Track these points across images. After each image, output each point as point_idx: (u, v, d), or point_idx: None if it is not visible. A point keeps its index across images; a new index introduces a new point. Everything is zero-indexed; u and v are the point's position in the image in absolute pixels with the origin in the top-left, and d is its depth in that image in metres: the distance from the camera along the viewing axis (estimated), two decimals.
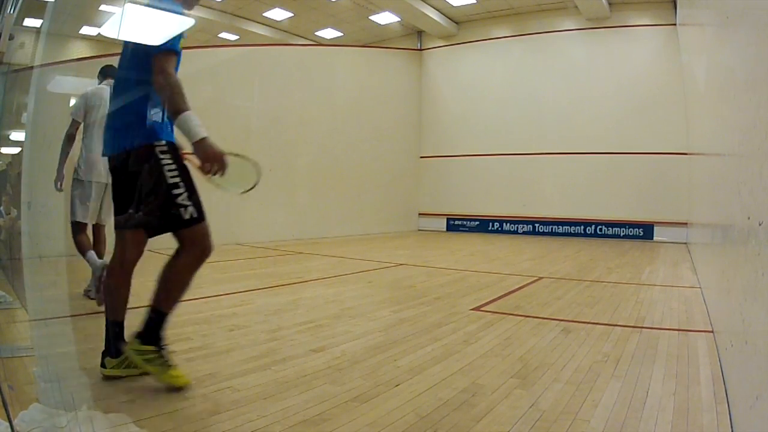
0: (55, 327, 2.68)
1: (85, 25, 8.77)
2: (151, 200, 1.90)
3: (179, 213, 1.91)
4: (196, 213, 1.94)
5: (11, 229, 3.86)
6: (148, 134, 1.89)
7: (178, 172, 1.92)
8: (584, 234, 9.80)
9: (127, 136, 1.89)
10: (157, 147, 1.89)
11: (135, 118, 1.89)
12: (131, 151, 1.89)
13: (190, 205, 1.93)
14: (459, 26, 11.35)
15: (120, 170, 1.94)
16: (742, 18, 1.57)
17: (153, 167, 1.87)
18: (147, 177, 1.88)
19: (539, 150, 10.24)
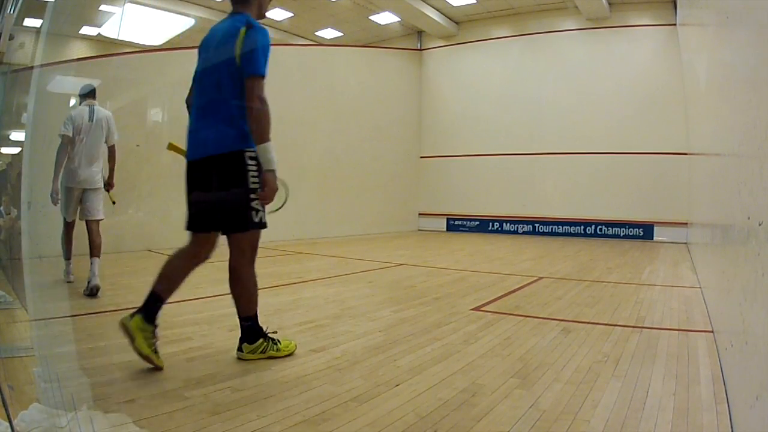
0: (55, 327, 2.68)
1: (85, 25, 8.77)
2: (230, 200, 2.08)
3: (250, 216, 2.11)
4: (263, 218, 2.17)
5: (11, 229, 3.87)
6: (241, 141, 2.09)
7: (258, 179, 2.11)
8: (584, 234, 9.79)
9: (220, 141, 2.08)
10: (247, 153, 2.10)
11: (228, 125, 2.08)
12: (222, 155, 2.08)
13: (261, 210, 2.15)
14: (459, 26, 11.35)
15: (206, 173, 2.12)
16: (742, 18, 1.57)
17: (239, 171, 2.07)
18: (232, 179, 2.07)
19: (539, 150, 10.24)
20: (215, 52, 2.16)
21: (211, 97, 2.14)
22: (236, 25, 2.13)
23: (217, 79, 2.13)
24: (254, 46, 2.10)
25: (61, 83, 4.09)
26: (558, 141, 10.00)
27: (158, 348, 2.11)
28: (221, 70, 2.12)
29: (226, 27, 2.19)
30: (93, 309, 3.21)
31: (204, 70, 2.19)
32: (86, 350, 2.32)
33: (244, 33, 2.09)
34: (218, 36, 2.20)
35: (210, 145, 2.11)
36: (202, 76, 2.20)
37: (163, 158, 7.09)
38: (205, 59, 2.20)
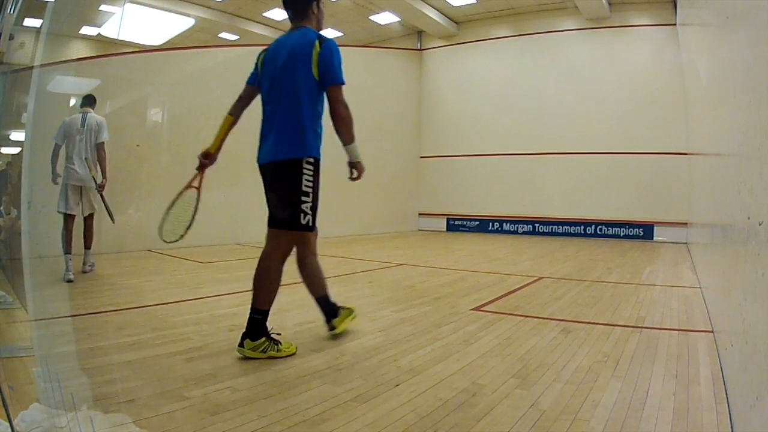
0: (55, 327, 2.68)
1: (85, 25, 8.77)
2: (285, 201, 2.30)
3: (299, 217, 2.29)
4: (311, 221, 2.33)
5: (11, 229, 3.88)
6: (302, 149, 2.28)
7: (312, 185, 2.31)
8: (584, 234, 9.79)
9: (286, 148, 2.28)
10: (305, 160, 2.29)
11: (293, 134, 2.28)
12: (285, 162, 2.27)
13: (309, 214, 2.31)
14: (459, 26, 11.34)
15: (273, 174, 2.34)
16: (742, 18, 1.57)
17: (296, 176, 2.27)
18: (288, 183, 2.28)
19: (539, 150, 10.23)
20: (289, 64, 2.29)
21: (283, 106, 2.30)
22: (308, 39, 2.29)
23: (292, 89, 2.28)
24: (332, 58, 2.30)
25: (61, 83, 4.10)
26: (558, 141, 10.00)
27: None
28: (297, 81, 2.27)
29: (295, 41, 2.32)
30: (93, 309, 3.21)
31: (276, 80, 2.32)
32: (86, 350, 2.32)
33: (319, 47, 2.27)
34: (288, 49, 2.32)
35: (275, 151, 2.29)
36: (274, 86, 2.33)
37: (162, 158, 7.09)
38: (276, 70, 2.33)
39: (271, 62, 2.37)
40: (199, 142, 8.32)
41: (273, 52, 2.39)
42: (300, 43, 2.29)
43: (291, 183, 2.27)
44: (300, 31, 2.36)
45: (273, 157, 2.30)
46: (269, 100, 2.36)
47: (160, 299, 3.53)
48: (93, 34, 9.63)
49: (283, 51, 2.33)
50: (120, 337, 2.57)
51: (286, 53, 2.32)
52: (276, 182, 2.33)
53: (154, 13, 10.15)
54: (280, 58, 2.33)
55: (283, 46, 2.36)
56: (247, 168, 8.97)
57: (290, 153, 2.27)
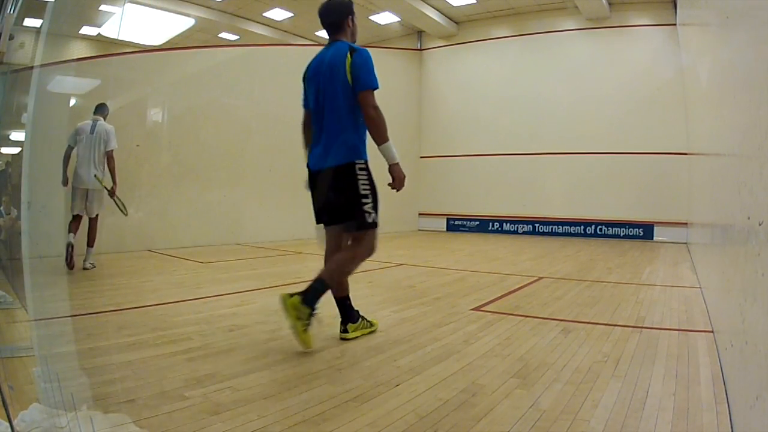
0: (55, 327, 2.68)
1: (85, 25, 8.77)
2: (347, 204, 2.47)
3: (364, 217, 2.47)
4: (375, 219, 2.51)
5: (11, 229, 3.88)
6: (352, 154, 2.46)
7: (369, 186, 2.50)
8: (584, 234, 9.79)
9: (336, 155, 2.45)
10: (357, 164, 2.46)
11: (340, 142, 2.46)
12: (338, 167, 2.44)
13: (373, 213, 2.50)
14: (459, 26, 11.34)
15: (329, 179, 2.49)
16: (742, 18, 1.57)
17: (351, 180, 2.44)
18: (346, 187, 2.45)
19: (539, 150, 10.23)
20: (329, 77, 2.49)
21: (328, 116, 2.49)
22: (342, 51, 2.47)
23: (334, 99, 2.47)
24: (361, 65, 2.44)
25: (61, 83, 4.10)
26: (558, 141, 10.00)
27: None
28: (336, 92, 2.46)
29: (331, 54, 2.52)
30: (93, 309, 3.22)
31: (321, 94, 2.52)
32: (86, 350, 2.32)
33: (350, 56, 2.44)
34: (327, 63, 2.51)
35: (328, 159, 2.47)
36: (319, 100, 2.52)
37: (162, 158, 7.09)
38: (318, 84, 2.52)
39: (314, 78, 2.56)
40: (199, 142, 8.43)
41: (314, 69, 2.59)
42: (335, 56, 2.48)
43: (349, 187, 2.45)
44: (335, 46, 2.55)
45: (325, 164, 2.49)
46: (319, 113, 2.54)
47: (160, 299, 3.53)
48: (93, 34, 9.63)
49: (323, 66, 2.53)
50: (120, 337, 2.57)
51: (326, 67, 2.51)
52: (335, 188, 2.49)
53: (154, 13, 10.15)
54: (321, 73, 2.52)
55: (321, 61, 2.56)
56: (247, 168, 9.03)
57: (341, 159, 2.45)
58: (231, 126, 7.82)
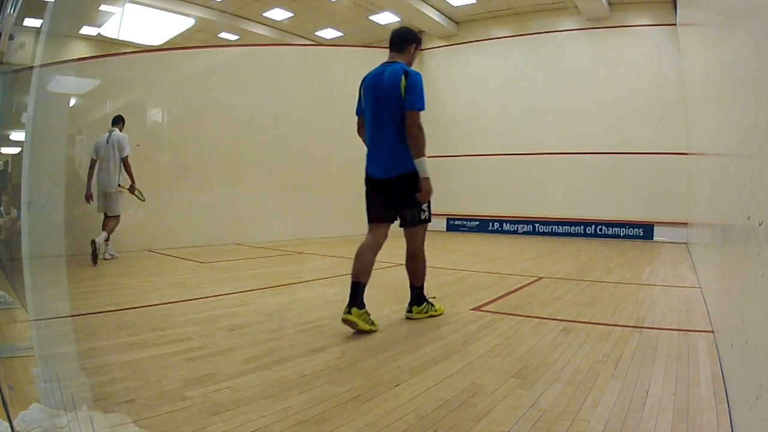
0: (55, 327, 2.68)
1: (85, 25, 8.76)
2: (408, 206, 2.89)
3: (420, 215, 2.93)
4: (429, 216, 2.98)
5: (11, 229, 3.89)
6: (410, 164, 2.83)
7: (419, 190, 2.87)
8: (584, 234, 9.79)
9: (399, 165, 2.84)
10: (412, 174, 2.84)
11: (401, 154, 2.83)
12: (402, 175, 2.84)
13: (427, 211, 2.95)
14: (459, 26, 11.34)
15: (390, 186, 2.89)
16: (742, 18, 1.57)
17: (411, 187, 2.84)
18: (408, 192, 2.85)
19: (539, 150, 10.23)
20: (387, 94, 2.84)
21: (387, 130, 2.86)
22: (398, 73, 2.84)
23: (392, 116, 2.83)
24: (413, 87, 2.80)
25: (61, 83, 4.10)
26: (558, 141, 9.99)
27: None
28: (394, 109, 2.82)
29: (389, 74, 2.87)
30: (93, 309, 3.22)
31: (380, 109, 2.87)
32: (86, 350, 2.32)
33: (405, 79, 2.81)
34: (385, 81, 2.86)
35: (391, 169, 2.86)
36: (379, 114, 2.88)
37: (162, 158, 7.09)
38: (377, 98, 2.88)
39: (371, 92, 2.91)
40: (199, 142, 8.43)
41: (371, 84, 2.94)
42: (392, 76, 2.84)
43: (410, 192, 2.84)
44: (392, 66, 2.91)
45: (390, 174, 2.87)
46: (376, 125, 2.90)
47: (160, 299, 3.53)
48: (93, 34, 9.62)
49: (381, 82, 2.87)
50: (120, 337, 2.57)
51: (384, 85, 2.86)
52: (397, 193, 2.88)
53: (154, 13, 10.14)
54: (380, 89, 2.88)
55: (379, 78, 2.90)
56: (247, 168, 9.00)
57: (404, 169, 2.84)
58: (231, 126, 7.81)
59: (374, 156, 2.94)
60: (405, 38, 3.06)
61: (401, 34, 3.06)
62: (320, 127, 9.30)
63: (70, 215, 4.70)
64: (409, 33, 3.10)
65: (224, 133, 7.72)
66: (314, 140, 9.20)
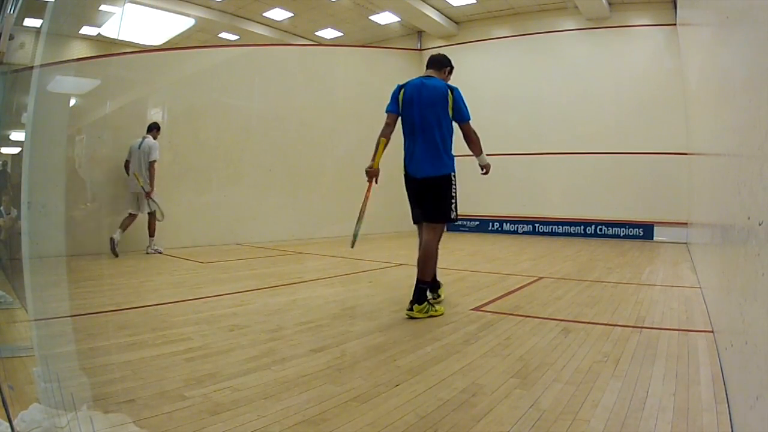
0: (55, 327, 2.68)
1: (85, 25, 8.76)
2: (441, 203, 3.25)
3: (449, 213, 3.28)
4: (456, 215, 3.31)
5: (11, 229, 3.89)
6: (450, 167, 3.30)
7: (455, 191, 3.34)
8: (584, 234, 9.78)
9: (441, 167, 3.25)
10: (452, 175, 3.31)
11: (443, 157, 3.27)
12: (442, 176, 3.25)
13: (455, 211, 3.30)
14: (459, 26, 11.34)
15: (429, 184, 3.25)
16: (742, 18, 1.57)
17: (448, 188, 3.26)
18: (444, 192, 3.26)
19: (539, 150, 10.22)
20: (432, 104, 3.22)
21: (431, 136, 3.23)
22: (441, 87, 3.25)
23: (437, 124, 3.22)
24: (461, 102, 3.27)
25: (61, 83, 4.10)
26: (558, 141, 9.99)
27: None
28: (440, 119, 3.23)
29: (433, 87, 3.25)
30: (93, 309, 3.22)
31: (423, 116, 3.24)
32: (86, 350, 2.32)
33: (451, 93, 3.25)
34: (429, 93, 3.24)
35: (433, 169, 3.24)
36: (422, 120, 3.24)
37: (162, 158, 7.09)
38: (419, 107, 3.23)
39: (413, 100, 3.25)
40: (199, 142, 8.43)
41: (413, 92, 3.27)
42: (436, 89, 3.24)
43: (446, 191, 3.25)
44: (433, 80, 3.31)
45: (432, 173, 3.23)
46: (419, 130, 3.25)
47: (160, 299, 3.53)
48: (93, 34, 9.62)
49: (424, 93, 3.24)
50: (120, 337, 2.57)
51: (427, 96, 3.23)
52: (434, 191, 3.24)
53: (154, 13, 10.14)
54: (422, 98, 3.24)
55: (422, 88, 3.26)
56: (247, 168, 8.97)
57: (444, 170, 3.25)
58: (231, 126, 7.81)
59: (419, 158, 3.27)
60: (443, 62, 3.46)
61: (441, 58, 3.48)
62: (320, 127, 9.30)
63: (70, 215, 4.70)
64: (447, 59, 3.51)
65: (224, 133, 7.72)
66: (314, 140, 9.20)
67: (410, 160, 3.30)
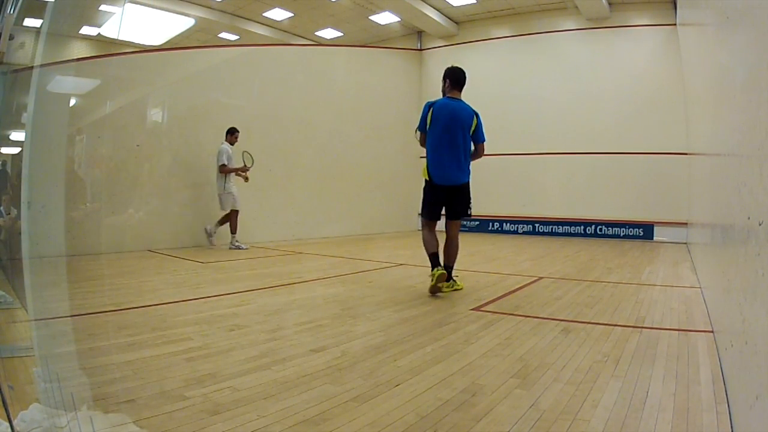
0: (55, 327, 2.68)
1: (85, 25, 8.76)
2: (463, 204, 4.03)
3: (467, 211, 4.06)
4: (471, 212, 4.07)
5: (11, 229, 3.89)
6: (469, 175, 4.01)
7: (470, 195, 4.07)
8: (584, 234, 9.79)
9: (464, 176, 3.98)
10: (468, 183, 4.03)
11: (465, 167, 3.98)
12: (465, 183, 4.00)
13: (470, 209, 4.07)
14: (459, 26, 11.34)
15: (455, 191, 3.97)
16: (742, 18, 1.57)
17: (467, 192, 4.04)
18: (466, 196, 4.03)
19: (539, 150, 10.23)
20: (460, 124, 3.87)
21: (457, 150, 3.89)
22: (469, 111, 3.91)
23: (462, 141, 3.89)
24: (481, 126, 3.96)
25: (61, 83, 4.10)
26: (558, 141, 9.99)
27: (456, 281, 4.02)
28: (465, 137, 3.91)
29: (461, 109, 3.89)
30: (93, 309, 3.22)
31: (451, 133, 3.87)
32: (86, 350, 2.32)
33: (476, 120, 3.92)
34: (457, 114, 3.87)
35: (458, 178, 3.96)
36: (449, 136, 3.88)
37: (162, 158, 7.09)
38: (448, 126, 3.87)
39: (441, 118, 3.87)
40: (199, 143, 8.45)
41: (442, 112, 3.88)
42: (464, 112, 3.89)
43: (467, 195, 4.03)
44: (460, 103, 3.92)
45: (457, 181, 3.95)
46: (449, 146, 3.89)
47: (160, 299, 3.53)
48: (93, 34, 9.61)
49: (453, 113, 3.87)
50: (120, 337, 2.57)
51: (457, 116, 3.86)
52: (459, 195, 3.98)
53: (154, 13, 10.14)
54: (451, 118, 3.86)
55: (450, 108, 3.88)
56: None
57: (466, 179, 3.99)
58: (231, 126, 7.81)
59: (446, 168, 3.92)
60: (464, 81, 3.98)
61: (463, 78, 3.97)
62: (320, 127, 9.30)
63: (70, 215, 4.69)
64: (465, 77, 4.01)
65: (224, 133, 7.72)
66: (314, 140, 9.20)
67: (437, 170, 3.94)
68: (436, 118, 3.88)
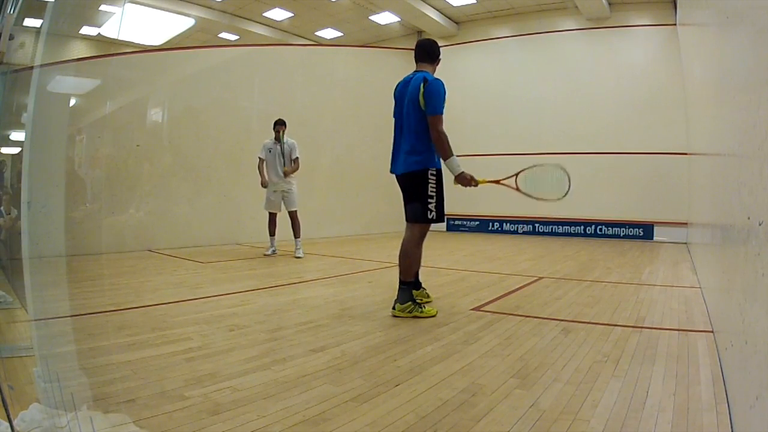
0: (55, 327, 2.68)
1: (85, 25, 8.76)
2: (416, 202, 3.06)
3: (426, 213, 3.06)
4: (435, 216, 3.08)
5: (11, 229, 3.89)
6: (422, 163, 3.05)
7: (436, 189, 3.07)
8: (584, 234, 9.79)
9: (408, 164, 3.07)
10: (429, 171, 3.07)
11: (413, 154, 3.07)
12: (409, 173, 3.08)
13: (434, 211, 3.07)
14: (459, 26, 11.34)
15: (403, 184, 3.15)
16: (742, 18, 1.57)
17: (421, 185, 3.05)
18: (418, 190, 3.06)
19: (539, 150, 10.20)
20: (409, 98, 3.08)
21: (406, 131, 3.13)
22: (419, 80, 3.06)
23: (410, 118, 3.07)
24: (431, 93, 2.98)
25: (61, 83, 4.10)
26: (558, 141, 9.98)
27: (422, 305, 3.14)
28: (412, 112, 3.06)
29: (413, 81, 3.11)
30: (93, 309, 3.22)
31: (402, 111, 3.15)
32: (86, 350, 2.32)
33: (423, 86, 3.00)
34: (409, 87, 3.11)
35: (401, 164, 3.12)
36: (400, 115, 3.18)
37: (162, 158, 7.09)
38: (401, 103, 3.16)
39: (399, 97, 3.20)
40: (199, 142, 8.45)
41: (400, 90, 3.21)
42: (415, 82, 3.09)
43: (421, 189, 3.05)
44: (417, 74, 3.14)
45: (401, 169, 3.12)
46: (399, 129, 3.20)
47: (160, 299, 3.53)
48: (93, 34, 9.61)
49: (403, 88, 3.17)
50: (120, 337, 2.57)
51: (405, 90, 3.14)
52: (409, 189, 3.11)
53: (154, 13, 10.14)
54: (401, 93, 3.18)
55: (402, 84, 3.21)
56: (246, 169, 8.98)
57: (410, 168, 3.07)
58: (231, 126, 7.81)
59: (394, 153, 3.23)
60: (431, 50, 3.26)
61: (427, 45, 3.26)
62: (320, 127, 9.30)
63: (70, 215, 4.69)
64: (434, 45, 3.31)
65: (224, 134, 7.72)
66: (314, 140, 9.20)
67: (391, 157, 3.26)
68: (397, 97, 3.25)
